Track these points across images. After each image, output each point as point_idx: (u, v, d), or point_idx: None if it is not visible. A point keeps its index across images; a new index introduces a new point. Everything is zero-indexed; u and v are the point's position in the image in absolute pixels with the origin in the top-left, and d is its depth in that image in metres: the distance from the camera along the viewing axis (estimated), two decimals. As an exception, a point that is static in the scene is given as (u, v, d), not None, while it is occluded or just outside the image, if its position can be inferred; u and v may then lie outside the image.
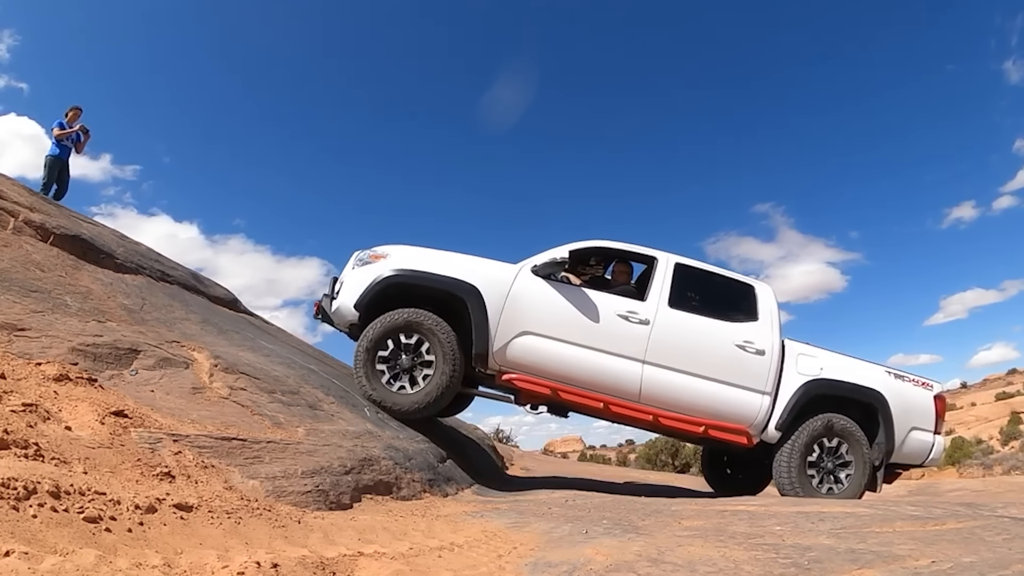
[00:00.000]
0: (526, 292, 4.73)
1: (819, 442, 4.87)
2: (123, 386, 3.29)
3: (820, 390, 4.88)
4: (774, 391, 4.84)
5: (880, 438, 4.92)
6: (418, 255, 4.87)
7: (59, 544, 1.74)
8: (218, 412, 3.41)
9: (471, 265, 4.80)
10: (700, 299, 5.03)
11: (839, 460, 4.90)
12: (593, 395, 4.71)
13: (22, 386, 2.77)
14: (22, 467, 2.04)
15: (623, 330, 4.71)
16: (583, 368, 4.68)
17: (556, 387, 4.67)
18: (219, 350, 4.21)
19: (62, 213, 5.31)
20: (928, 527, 2.51)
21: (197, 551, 2.01)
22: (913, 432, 5.06)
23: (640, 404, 4.72)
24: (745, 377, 4.78)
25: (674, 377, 4.70)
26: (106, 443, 2.59)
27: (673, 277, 4.93)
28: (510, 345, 4.66)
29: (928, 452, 5.13)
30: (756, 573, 2.10)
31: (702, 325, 4.85)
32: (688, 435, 5.05)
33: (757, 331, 4.91)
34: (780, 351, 4.93)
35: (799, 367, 4.94)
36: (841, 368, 5.06)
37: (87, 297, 4.07)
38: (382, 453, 3.83)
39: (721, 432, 4.80)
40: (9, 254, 3.97)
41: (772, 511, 3.26)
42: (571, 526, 3.10)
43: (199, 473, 2.73)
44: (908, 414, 5.03)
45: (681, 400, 4.73)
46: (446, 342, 4.56)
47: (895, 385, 5.09)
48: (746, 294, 5.10)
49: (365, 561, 2.25)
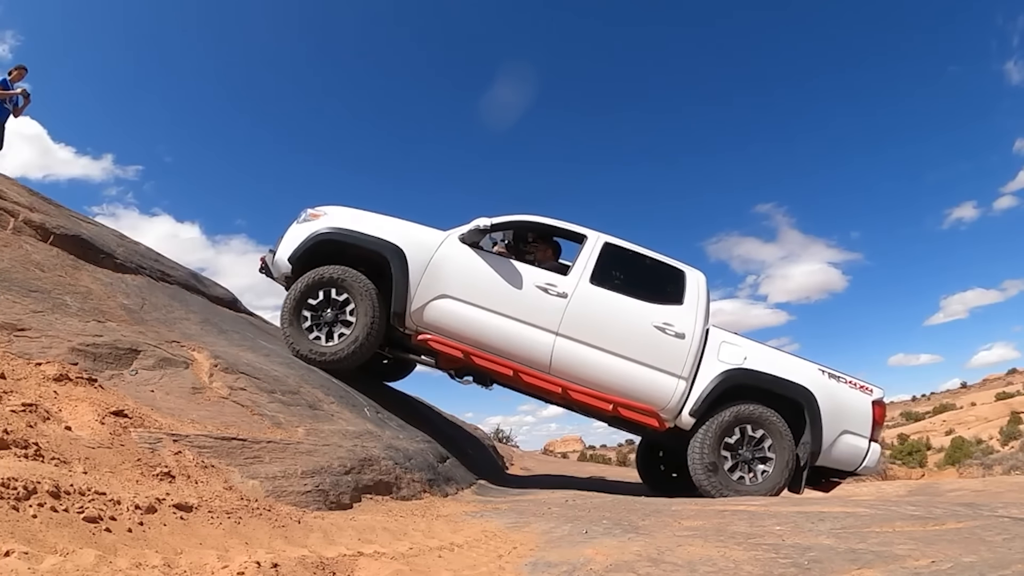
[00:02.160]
0: (449, 257, 4.83)
1: (740, 427, 4.72)
2: (123, 386, 3.29)
3: (740, 380, 4.78)
4: (691, 376, 4.75)
5: (806, 437, 4.76)
6: (353, 216, 5.02)
7: (59, 544, 1.74)
8: (218, 412, 3.41)
9: (400, 228, 4.93)
10: (624, 278, 4.99)
11: (759, 453, 4.74)
12: (504, 362, 4.76)
13: (22, 386, 2.77)
14: (22, 467, 2.04)
15: (540, 301, 4.75)
16: (496, 334, 4.74)
17: (469, 351, 4.74)
18: (219, 350, 4.22)
19: (62, 213, 5.31)
20: (928, 527, 2.51)
21: (197, 551, 2.01)
22: (845, 436, 4.88)
23: (550, 375, 4.75)
24: (660, 358, 4.72)
25: (586, 351, 4.70)
26: (106, 443, 2.59)
27: (600, 255, 4.95)
28: (428, 306, 4.76)
29: (862, 459, 4.92)
30: (756, 573, 2.10)
31: (621, 303, 4.82)
32: (598, 412, 4.93)
33: (679, 315, 4.84)
34: (702, 337, 4.84)
35: (721, 355, 4.85)
36: (767, 360, 4.93)
37: (87, 297, 4.07)
38: (382, 453, 3.83)
39: (631, 412, 4.74)
40: (9, 254, 3.97)
41: (772, 511, 3.26)
42: (571, 526, 3.10)
43: (199, 473, 2.73)
44: (840, 416, 4.86)
45: (591, 375, 4.72)
46: (366, 299, 4.71)
47: (827, 384, 4.92)
48: (675, 278, 5.05)
49: (365, 561, 2.26)
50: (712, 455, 4.65)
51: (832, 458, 4.89)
